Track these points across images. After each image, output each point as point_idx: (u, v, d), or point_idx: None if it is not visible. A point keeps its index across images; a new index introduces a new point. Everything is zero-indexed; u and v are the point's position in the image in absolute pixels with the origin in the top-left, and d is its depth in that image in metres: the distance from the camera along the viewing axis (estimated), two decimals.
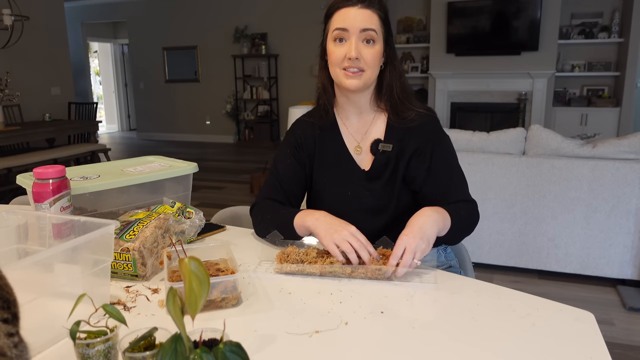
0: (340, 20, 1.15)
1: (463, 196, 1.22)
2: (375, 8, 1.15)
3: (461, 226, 1.16)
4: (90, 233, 0.82)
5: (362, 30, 1.13)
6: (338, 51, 1.16)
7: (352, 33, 1.13)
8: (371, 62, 1.16)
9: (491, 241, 2.90)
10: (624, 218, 2.63)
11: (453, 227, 1.11)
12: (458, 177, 1.24)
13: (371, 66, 1.16)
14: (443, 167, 1.22)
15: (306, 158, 1.30)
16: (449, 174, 1.23)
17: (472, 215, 1.21)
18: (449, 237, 1.12)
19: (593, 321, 0.84)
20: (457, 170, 1.25)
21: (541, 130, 2.80)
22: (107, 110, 11.05)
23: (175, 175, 1.33)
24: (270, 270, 1.06)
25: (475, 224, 1.22)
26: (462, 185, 1.24)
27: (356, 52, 1.13)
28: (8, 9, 5.03)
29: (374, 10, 1.14)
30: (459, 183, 1.23)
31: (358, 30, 1.13)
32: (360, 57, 1.14)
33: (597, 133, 5.71)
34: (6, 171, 4.40)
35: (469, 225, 1.20)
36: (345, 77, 1.17)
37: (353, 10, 1.14)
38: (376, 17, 1.15)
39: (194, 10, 8.67)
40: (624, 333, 2.27)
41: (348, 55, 1.14)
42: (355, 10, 1.13)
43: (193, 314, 0.56)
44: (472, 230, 1.23)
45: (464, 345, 0.77)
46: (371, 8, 1.14)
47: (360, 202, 1.24)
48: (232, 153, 7.85)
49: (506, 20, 6.29)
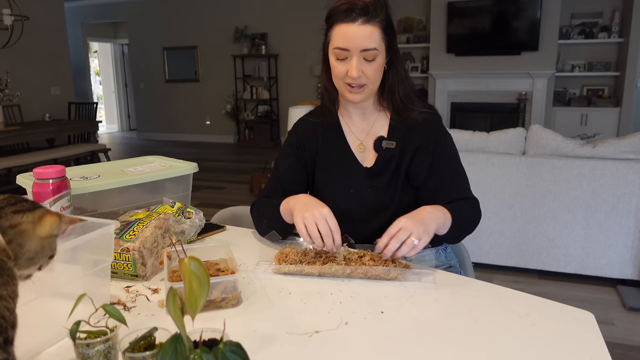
0: (340, 39, 1.12)
1: (464, 194, 1.22)
2: (376, 21, 1.11)
3: (463, 225, 1.16)
4: (90, 233, 0.82)
5: (362, 50, 1.12)
6: (340, 67, 1.16)
7: (353, 53, 1.12)
8: (373, 77, 1.16)
9: (491, 241, 2.90)
10: (624, 218, 2.63)
11: (454, 226, 1.11)
12: (460, 175, 1.24)
13: (373, 80, 1.17)
14: (445, 164, 1.23)
15: (308, 157, 1.31)
16: (450, 171, 1.23)
17: (474, 214, 1.21)
18: (450, 235, 1.12)
19: (593, 321, 0.84)
20: (459, 168, 1.25)
21: (541, 130, 2.80)
22: (107, 110, 11.05)
23: (175, 175, 1.34)
24: (269, 270, 1.05)
25: (477, 222, 1.22)
26: (464, 183, 1.24)
27: (357, 72, 1.13)
28: (8, 9, 5.03)
29: (375, 24, 1.11)
30: (461, 181, 1.24)
31: (358, 51, 1.12)
32: (361, 75, 1.14)
33: (597, 133, 5.70)
34: (6, 171, 4.40)
35: (471, 224, 1.21)
36: (348, 92, 1.18)
37: (353, 27, 1.10)
38: (377, 31, 1.11)
39: (193, 11, 8.66)
40: (624, 333, 2.27)
41: (350, 74, 1.14)
42: (356, 27, 1.10)
43: (193, 314, 0.56)
44: (474, 228, 1.23)
45: (464, 345, 0.77)
46: (372, 22, 1.10)
47: (363, 200, 1.24)
48: (232, 153, 7.85)
49: (506, 20, 6.29)
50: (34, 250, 0.59)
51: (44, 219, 0.59)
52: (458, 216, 1.12)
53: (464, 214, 1.16)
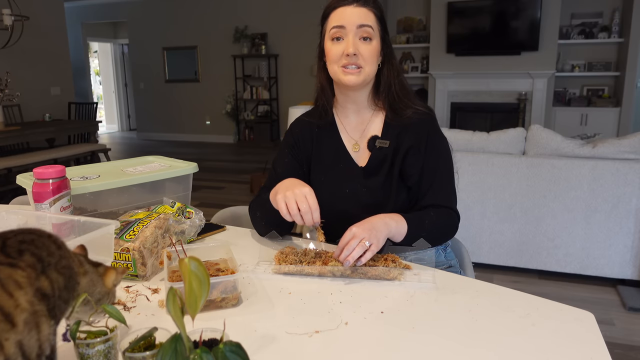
0: (337, 18, 1.17)
1: (441, 201, 1.20)
2: (370, 6, 1.17)
3: (423, 235, 1.14)
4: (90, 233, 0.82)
5: (358, 26, 1.15)
6: (336, 49, 1.17)
7: (349, 30, 1.15)
8: (369, 58, 1.16)
9: (491, 241, 2.90)
10: (624, 218, 2.63)
11: (411, 235, 1.10)
12: (441, 181, 1.21)
13: (369, 62, 1.17)
14: (430, 166, 1.21)
15: (304, 157, 1.31)
16: (432, 175, 1.21)
17: (443, 225, 1.19)
18: (408, 242, 1.11)
19: (593, 321, 0.84)
20: (443, 173, 1.22)
21: (541, 130, 2.80)
22: (107, 110, 11.05)
23: (175, 175, 1.34)
24: (269, 270, 1.06)
25: (448, 234, 1.21)
26: (443, 190, 1.22)
27: (354, 48, 1.14)
28: (8, 9, 5.02)
29: (369, 8, 1.17)
30: (441, 186, 1.21)
31: (355, 27, 1.15)
32: (358, 54, 1.15)
33: (597, 133, 5.70)
34: (6, 171, 4.40)
35: (438, 236, 1.19)
36: (343, 74, 1.18)
37: (349, 8, 1.16)
38: (372, 15, 1.17)
39: (193, 11, 8.66)
40: (624, 333, 2.27)
41: (346, 51, 1.15)
42: (352, 8, 1.16)
43: (193, 314, 0.56)
44: (443, 240, 1.22)
45: (464, 345, 0.77)
46: (367, 6, 1.16)
47: (358, 200, 1.24)
48: (232, 153, 7.85)
49: (506, 20, 6.29)
50: (103, 293, 0.69)
51: (108, 272, 0.70)
52: (417, 226, 1.11)
53: (426, 224, 1.14)
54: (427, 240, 1.16)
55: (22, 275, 0.54)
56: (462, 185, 2.87)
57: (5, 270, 0.54)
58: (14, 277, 0.54)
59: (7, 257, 0.55)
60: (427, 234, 1.15)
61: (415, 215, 1.14)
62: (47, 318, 0.56)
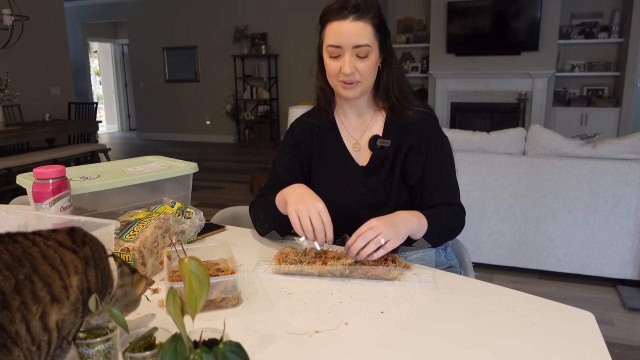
0: (333, 36, 1.13)
1: (448, 199, 1.21)
2: (368, 17, 1.12)
3: (440, 232, 1.15)
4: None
5: (355, 47, 1.12)
6: (333, 65, 1.16)
7: (346, 50, 1.13)
8: (366, 74, 1.16)
9: (491, 241, 2.90)
10: (624, 218, 2.63)
11: (430, 233, 1.11)
12: (446, 180, 1.23)
13: (366, 77, 1.17)
14: (434, 167, 1.22)
15: (304, 156, 1.31)
16: (437, 175, 1.22)
17: (454, 222, 1.20)
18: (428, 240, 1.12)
19: (593, 321, 0.84)
20: (447, 172, 1.23)
21: (541, 130, 2.80)
22: (107, 110, 11.05)
23: (175, 175, 1.34)
24: (269, 270, 1.06)
25: (458, 230, 1.22)
26: (449, 188, 1.23)
27: (350, 69, 1.14)
28: (8, 9, 5.03)
29: (366, 21, 1.12)
30: (447, 185, 1.22)
31: (351, 47, 1.13)
32: (355, 72, 1.15)
33: (597, 133, 5.70)
34: (6, 171, 4.40)
35: (450, 233, 1.20)
36: (342, 89, 1.19)
37: (345, 24, 1.11)
38: (369, 28, 1.13)
39: (193, 11, 8.67)
40: (624, 333, 2.27)
41: (343, 71, 1.14)
42: (348, 24, 1.11)
43: (193, 314, 0.56)
44: (453, 236, 1.23)
45: (464, 345, 0.77)
46: (364, 18, 1.12)
47: (359, 199, 1.24)
48: (232, 153, 7.85)
49: (506, 20, 6.29)
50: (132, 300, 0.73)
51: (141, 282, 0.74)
52: (435, 225, 1.12)
53: (442, 223, 1.15)
54: (440, 237, 1.17)
55: (80, 263, 0.62)
56: (462, 185, 2.84)
57: (69, 255, 0.61)
58: (75, 262, 0.61)
59: (73, 243, 0.63)
60: (442, 232, 1.16)
61: (432, 212, 1.14)
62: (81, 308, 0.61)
